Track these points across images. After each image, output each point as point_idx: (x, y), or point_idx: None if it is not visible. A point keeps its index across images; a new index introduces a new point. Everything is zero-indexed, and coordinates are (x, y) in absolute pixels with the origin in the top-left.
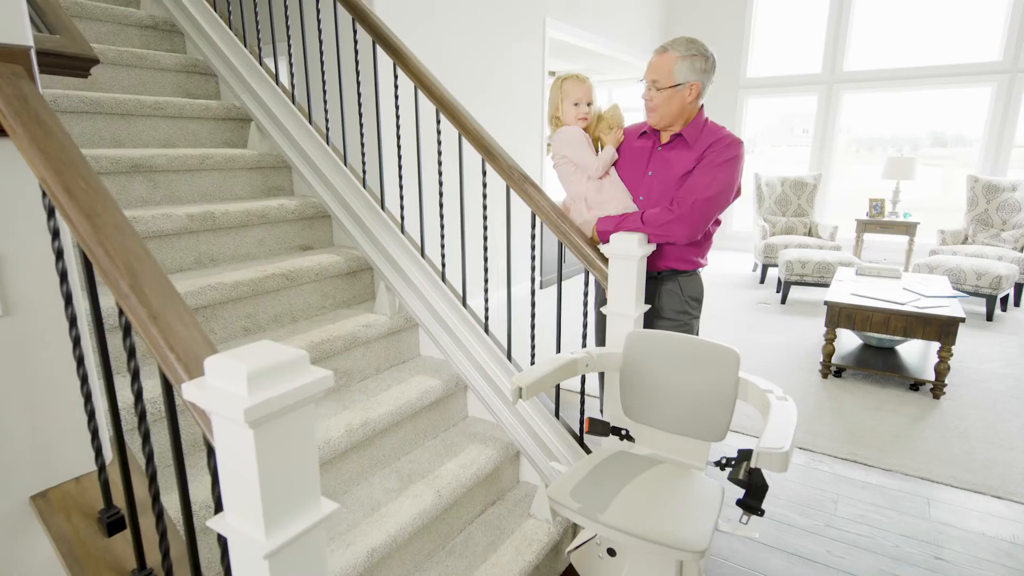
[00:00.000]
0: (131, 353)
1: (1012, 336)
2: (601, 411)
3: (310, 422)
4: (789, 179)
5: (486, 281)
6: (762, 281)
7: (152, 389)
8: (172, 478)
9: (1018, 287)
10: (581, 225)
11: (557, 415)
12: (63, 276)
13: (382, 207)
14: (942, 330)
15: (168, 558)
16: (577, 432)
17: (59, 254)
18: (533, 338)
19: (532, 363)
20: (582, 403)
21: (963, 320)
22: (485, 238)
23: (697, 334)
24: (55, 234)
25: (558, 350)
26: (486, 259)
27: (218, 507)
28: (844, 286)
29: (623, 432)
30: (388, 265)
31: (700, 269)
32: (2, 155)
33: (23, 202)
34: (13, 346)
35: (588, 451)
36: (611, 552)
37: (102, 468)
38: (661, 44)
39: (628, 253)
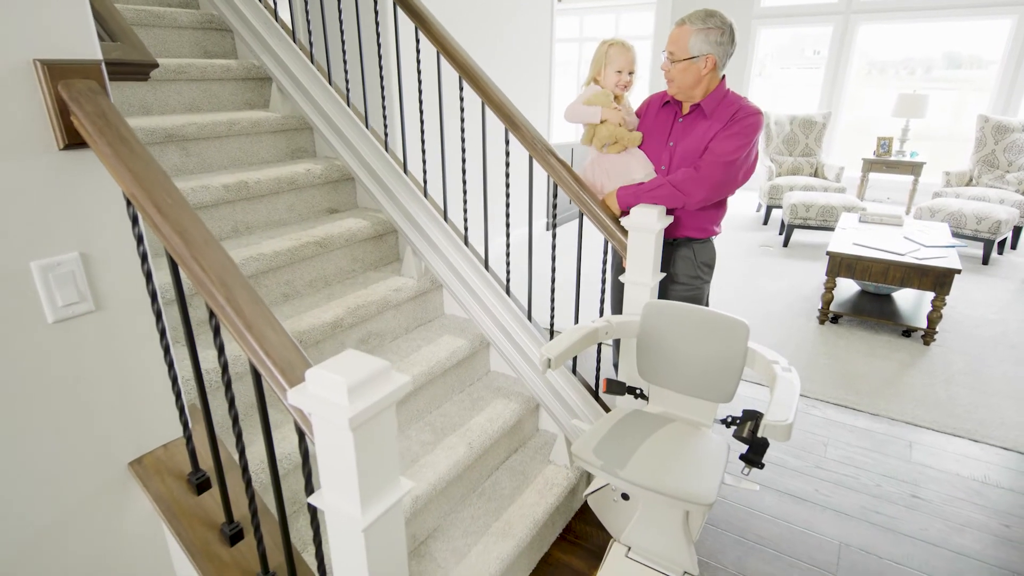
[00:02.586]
0: (220, 349)
1: (1006, 280)
2: (614, 366)
3: (393, 418)
4: (798, 117)
5: (508, 246)
6: (765, 222)
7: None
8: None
9: (1016, 230)
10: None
11: (574, 371)
12: (148, 276)
13: (404, 171)
14: (938, 281)
15: (256, 516)
16: (593, 387)
17: (144, 257)
18: (553, 300)
19: (551, 321)
20: (598, 361)
21: (959, 272)
22: (507, 204)
23: (708, 297)
24: (139, 239)
25: (576, 316)
26: (508, 225)
27: (308, 483)
28: (847, 235)
29: (638, 391)
30: (412, 228)
31: (714, 236)
32: (84, 164)
33: (105, 207)
34: (105, 336)
35: (603, 404)
36: (624, 497)
37: (189, 438)
38: (681, 16)
39: (647, 226)
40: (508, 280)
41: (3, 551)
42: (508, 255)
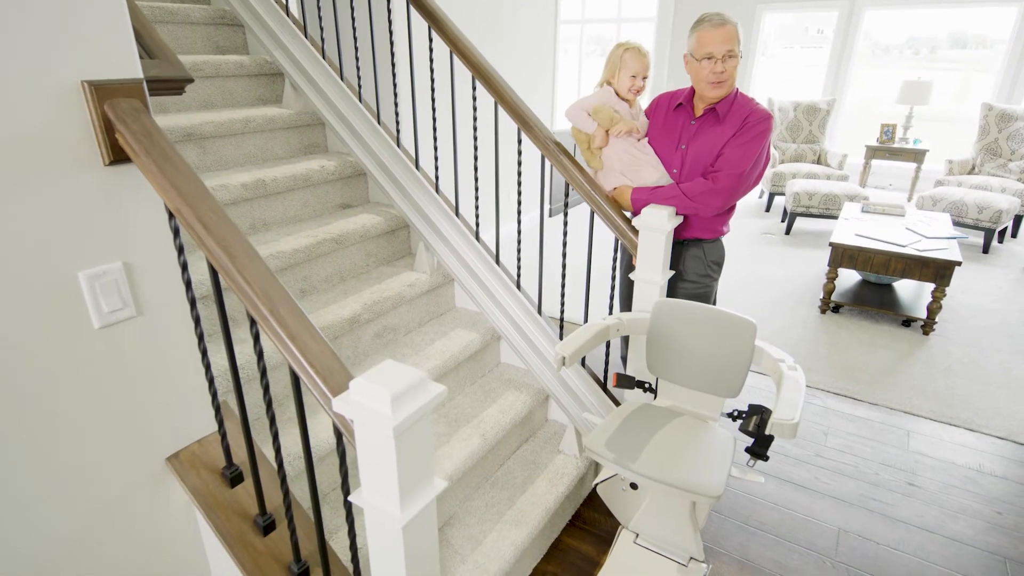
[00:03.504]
0: (259, 356)
1: (1005, 269)
2: (622, 359)
3: (429, 423)
4: (802, 104)
5: (519, 242)
6: (768, 209)
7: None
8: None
9: (1017, 219)
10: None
11: (583, 364)
12: (188, 285)
13: (416, 167)
14: (938, 272)
15: (290, 508)
16: (601, 380)
17: (184, 266)
18: (563, 296)
19: (561, 313)
20: (607, 355)
21: (959, 264)
22: (519, 203)
23: (716, 294)
24: (180, 250)
25: (586, 308)
26: (519, 222)
27: (344, 481)
28: (849, 225)
29: (647, 385)
30: (424, 223)
31: (723, 236)
32: (128, 179)
33: (146, 219)
34: (146, 339)
35: (611, 396)
36: (633, 486)
37: (224, 435)
38: (711, 20)
39: (657, 226)
40: (519, 275)
41: (51, 538)
42: (519, 251)
